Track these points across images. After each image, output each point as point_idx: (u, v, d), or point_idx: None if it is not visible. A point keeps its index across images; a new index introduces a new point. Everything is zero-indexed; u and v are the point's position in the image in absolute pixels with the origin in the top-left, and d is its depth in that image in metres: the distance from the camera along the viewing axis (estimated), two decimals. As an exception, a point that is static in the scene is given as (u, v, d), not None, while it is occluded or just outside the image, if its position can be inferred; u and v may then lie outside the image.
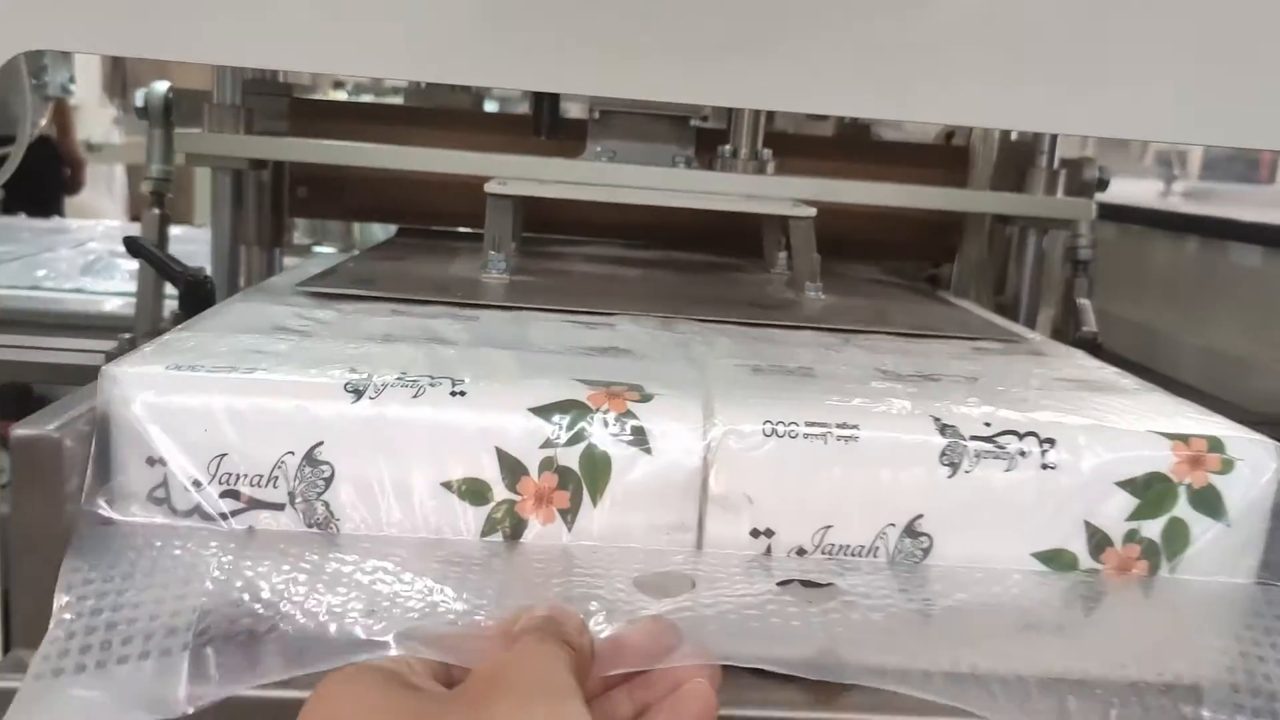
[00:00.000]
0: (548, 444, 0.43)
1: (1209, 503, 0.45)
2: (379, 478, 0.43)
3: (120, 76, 3.17)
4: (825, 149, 1.14)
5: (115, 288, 1.29)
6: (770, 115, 1.04)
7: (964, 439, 0.44)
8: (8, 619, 0.44)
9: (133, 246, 0.81)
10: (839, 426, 0.43)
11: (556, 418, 0.43)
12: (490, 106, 1.49)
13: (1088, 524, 0.45)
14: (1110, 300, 1.13)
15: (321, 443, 0.43)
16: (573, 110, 1.11)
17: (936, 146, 1.15)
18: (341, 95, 1.78)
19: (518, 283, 0.78)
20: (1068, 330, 1.04)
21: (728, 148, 0.98)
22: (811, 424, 0.43)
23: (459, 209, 1.05)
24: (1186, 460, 0.45)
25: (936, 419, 0.45)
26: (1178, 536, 0.46)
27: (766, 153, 0.98)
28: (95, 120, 3.00)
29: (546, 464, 0.43)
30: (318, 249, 1.44)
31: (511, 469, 0.43)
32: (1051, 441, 0.44)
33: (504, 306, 0.68)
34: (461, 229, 1.10)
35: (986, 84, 0.55)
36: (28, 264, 1.37)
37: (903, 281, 1.00)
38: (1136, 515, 0.45)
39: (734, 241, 1.03)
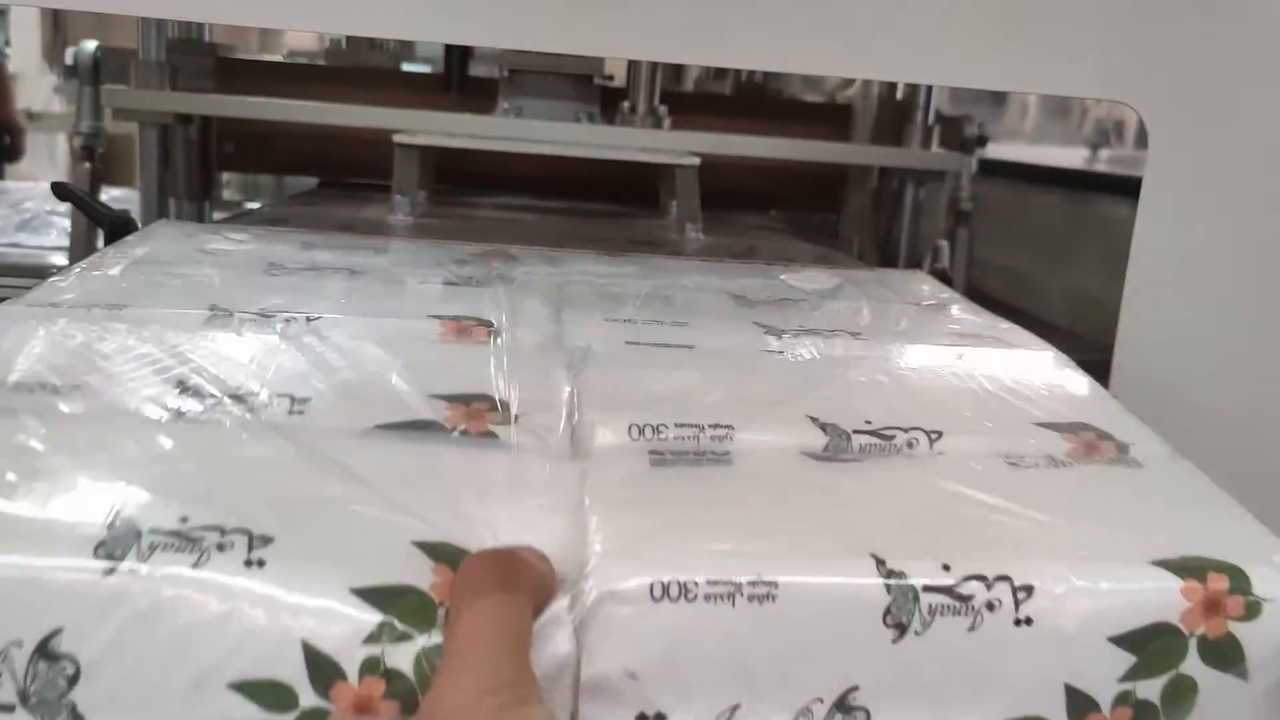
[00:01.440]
0: (373, 638, 0.33)
1: (1225, 655, 0.36)
2: (143, 676, 0.32)
3: (60, 45, 3.17)
4: (723, 106, 1.22)
5: (51, 243, 1.35)
6: (670, 74, 1.12)
7: (915, 588, 0.35)
8: None
9: (60, 190, 0.87)
10: (751, 584, 0.34)
11: (387, 609, 0.33)
12: (421, 69, 1.55)
13: (1069, 687, 0.36)
14: (989, 247, 1.23)
15: (60, 630, 0.32)
16: (485, 70, 1.18)
17: (825, 105, 1.24)
18: (278, 57, 1.83)
19: (421, 224, 0.86)
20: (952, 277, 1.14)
21: (627, 104, 1.07)
22: (715, 582, 0.34)
23: (377, 163, 1.11)
24: (1200, 604, 0.36)
25: (880, 560, 0.35)
26: (1182, 696, 0.37)
27: (663, 109, 1.06)
28: (35, 89, 3.03)
29: (371, 665, 0.33)
30: (249, 204, 1.50)
31: (323, 670, 0.33)
32: (1029, 589, 0.36)
33: (401, 239, 0.76)
34: (379, 181, 1.16)
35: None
36: (-36, 223, 1.41)
37: (780, 227, 1.08)
38: (1133, 675, 0.36)
39: (635, 192, 1.11)
